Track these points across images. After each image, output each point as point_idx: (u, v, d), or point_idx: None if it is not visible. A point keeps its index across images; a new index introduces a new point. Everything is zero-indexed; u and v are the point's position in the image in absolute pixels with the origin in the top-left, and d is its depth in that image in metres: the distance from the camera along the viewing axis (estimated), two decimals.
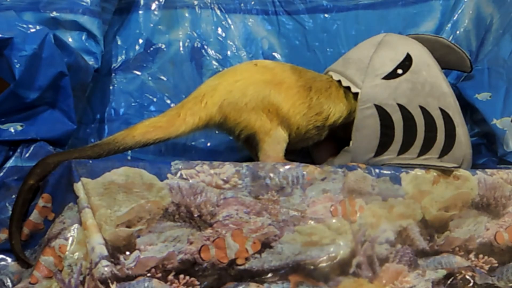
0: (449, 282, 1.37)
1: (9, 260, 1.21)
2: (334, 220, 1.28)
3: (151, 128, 1.35)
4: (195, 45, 1.75)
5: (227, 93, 1.38)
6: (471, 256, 1.41)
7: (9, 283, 1.18)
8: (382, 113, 1.43)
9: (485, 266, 1.42)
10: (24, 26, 1.28)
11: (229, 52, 1.77)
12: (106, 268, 1.12)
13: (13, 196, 1.22)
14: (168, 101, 1.69)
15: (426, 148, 1.43)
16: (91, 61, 1.52)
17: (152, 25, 1.73)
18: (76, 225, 1.16)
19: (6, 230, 1.20)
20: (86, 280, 1.13)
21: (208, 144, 1.67)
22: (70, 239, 1.15)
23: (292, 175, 1.27)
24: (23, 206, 1.20)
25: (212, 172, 1.23)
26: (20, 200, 1.20)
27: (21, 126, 1.30)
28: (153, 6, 1.74)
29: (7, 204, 1.23)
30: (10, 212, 1.20)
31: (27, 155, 1.28)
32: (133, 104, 1.68)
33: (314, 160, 1.60)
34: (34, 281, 1.13)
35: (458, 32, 1.80)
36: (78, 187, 1.16)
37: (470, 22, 1.80)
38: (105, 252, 1.13)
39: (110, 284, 1.12)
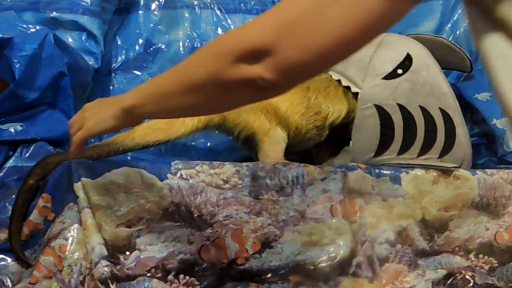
0: (449, 282, 1.37)
1: (9, 260, 1.20)
2: (334, 220, 1.28)
3: (150, 130, 1.35)
4: (195, 45, 1.75)
5: None
6: (471, 256, 1.41)
7: (9, 283, 1.18)
8: (382, 113, 1.43)
9: (485, 266, 1.42)
10: (24, 26, 1.28)
11: None
12: (106, 268, 1.12)
13: (13, 196, 1.22)
14: None
15: (426, 148, 1.43)
16: (91, 61, 1.52)
17: (152, 25, 1.73)
18: (76, 225, 1.16)
19: (6, 230, 1.20)
20: (86, 280, 1.13)
21: (208, 144, 1.67)
22: (70, 239, 1.15)
23: (292, 175, 1.27)
24: (23, 206, 1.20)
25: (212, 172, 1.23)
26: (20, 200, 1.19)
27: (21, 126, 1.30)
28: (153, 6, 1.74)
29: (7, 204, 1.23)
30: (10, 212, 1.20)
31: (27, 155, 1.28)
32: None
33: (314, 160, 1.60)
34: (34, 281, 1.13)
35: (458, 32, 1.80)
36: (78, 187, 1.16)
37: None
38: (105, 252, 1.13)
39: (110, 284, 1.11)
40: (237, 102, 0.89)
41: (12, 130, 1.29)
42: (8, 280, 1.18)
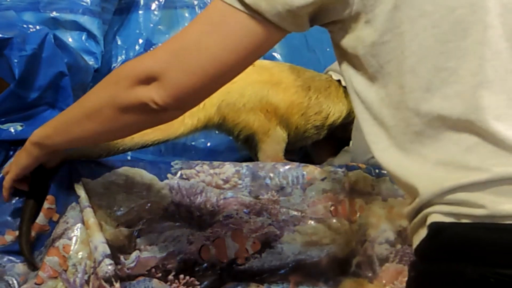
0: None
1: (16, 261, 1.20)
2: (334, 220, 1.28)
3: (150, 130, 1.35)
4: None
5: (225, 94, 1.38)
6: None
7: (15, 284, 1.17)
8: None
9: None
10: (24, 26, 1.28)
11: None
12: (109, 267, 1.11)
13: (13, 196, 1.21)
14: None
15: None
16: (91, 61, 1.52)
17: (152, 25, 1.73)
18: (79, 225, 1.15)
19: (11, 232, 1.20)
20: (90, 279, 1.13)
21: (208, 144, 1.67)
22: (74, 238, 1.15)
23: (292, 175, 1.27)
24: (33, 208, 1.19)
25: (212, 172, 1.23)
26: (30, 202, 1.19)
27: (21, 126, 1.29)
28: (153, 6, 1.74)
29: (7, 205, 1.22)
30: (21, 215, 1.19)
31: None
32: None
33: (314, 160, 1.61)
34: (40, 281, 1.13)
35: None
36: (79, 187, 1.16)
37: None
38: (108, 251, 1.13)
39: (114, 283, 1.11)
40: (133, 126, 0.95)
41: (12, 130, 1.28)
42: (15, 281, 1.17)
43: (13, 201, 1.20)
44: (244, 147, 1.50)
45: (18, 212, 1.19)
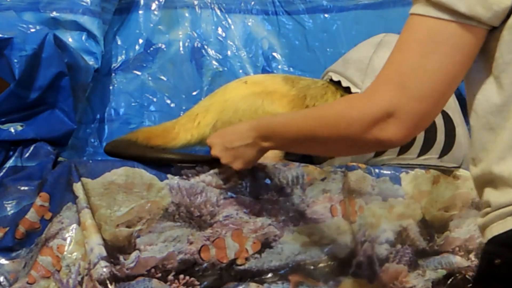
0: (449, 282, 1.37)
1: (4, 259, 1.19)
2: (334, 220, 1.28)
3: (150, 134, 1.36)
4: (195, 45, 1.75)
5: (219, 113, 1.39)
6: (471, 256, 1.41)
7: (5, 283, 1.17)
8: None
9: None
10: (24, 26, 1.28)
11: (229, 52, 1.77)
12: (105, 269, 1.12)
13: (11, 195, 1.21)
14: (168, 101, 1.69)
15: (426, 148, 1.43)
16: (91, 61, 1.52)
17: (152, 25, 1.73)
18: (74, 225, 1.15)
19: (1, 229, 1.19)
20: (84, 280, 1.13)
21: None
22: (68, 239, 1.15)
23: (292, 175, 1.27)
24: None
25: (212, 172, 1.23)
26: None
27: (21, 126, 1.30)
28: (153, 6, 1.74)
29: (4, 203, 1.22)
30: (8, 211, 1.19)
31: (27, 155, 1.27)
32: (133, 104, 1.68)
33: (314, 160, 1.60)
34: (32, 280, 1.13)
35: None
36: (78, 187, 1.16)
37: None
38: (104, 253, 1.13)
39: (109, 285, 1.11)
40: (355, 152, 1.16)
41: (12, 130, 1.29)
42: (4, 280, 1.17)
43: None
44: None
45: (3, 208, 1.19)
